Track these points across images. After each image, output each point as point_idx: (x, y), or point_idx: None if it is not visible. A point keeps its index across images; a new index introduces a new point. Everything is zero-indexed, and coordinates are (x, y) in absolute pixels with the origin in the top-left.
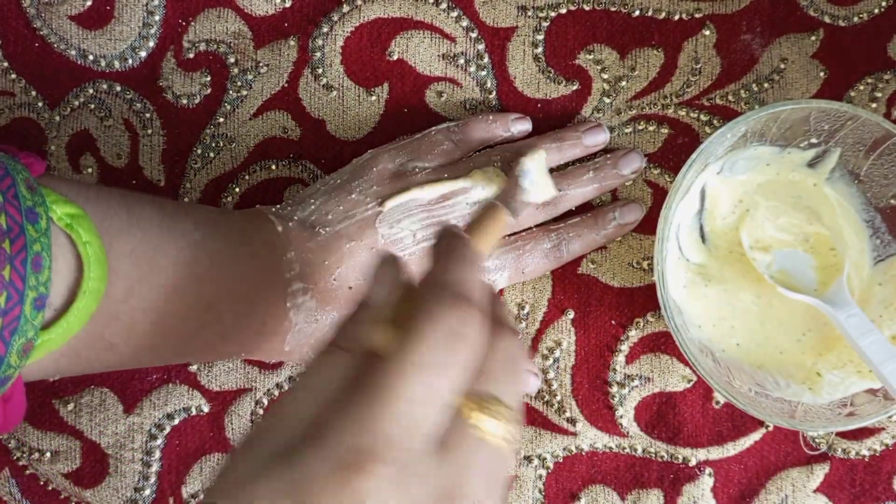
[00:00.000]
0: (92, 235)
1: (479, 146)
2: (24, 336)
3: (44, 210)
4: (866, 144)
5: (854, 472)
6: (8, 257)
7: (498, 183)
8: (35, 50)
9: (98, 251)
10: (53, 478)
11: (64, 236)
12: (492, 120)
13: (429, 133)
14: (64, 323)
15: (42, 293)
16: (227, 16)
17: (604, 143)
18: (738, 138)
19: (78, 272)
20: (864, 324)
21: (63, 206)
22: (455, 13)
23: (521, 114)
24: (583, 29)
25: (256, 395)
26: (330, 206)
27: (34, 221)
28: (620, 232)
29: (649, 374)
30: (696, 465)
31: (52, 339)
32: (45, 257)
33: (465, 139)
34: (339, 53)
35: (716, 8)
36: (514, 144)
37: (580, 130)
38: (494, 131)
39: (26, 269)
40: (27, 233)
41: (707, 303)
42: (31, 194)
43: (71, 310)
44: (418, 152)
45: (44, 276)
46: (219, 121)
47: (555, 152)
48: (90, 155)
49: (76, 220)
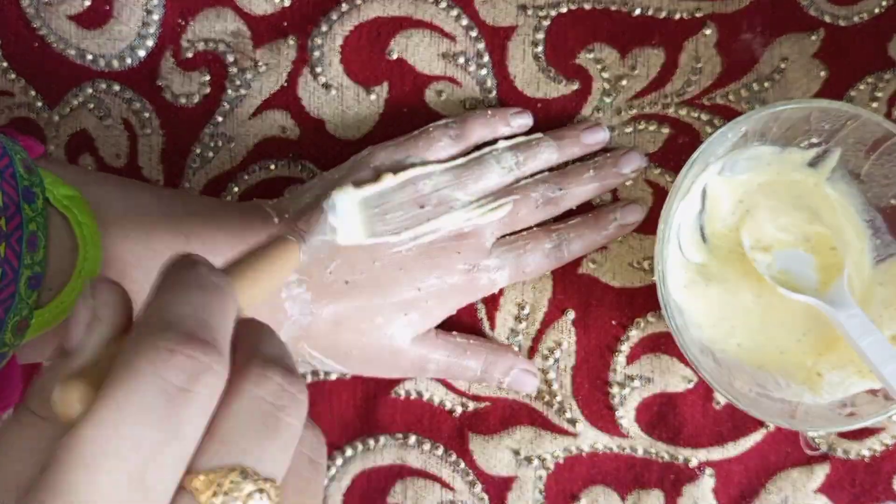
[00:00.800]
0: (88, 217)
1: (479, 142)
2: (19, 314)
3: (40, 190)
4: (867, 144)
5: (854, 473)
6: (3, 235)
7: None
8: (34, 50)
9: (93, 233)
10: None
11: (60, 217)
12: (491, 115)
13: (427, 129)
14: (58, 302)
15: (37, 272)
16: (226, 15)
17: (603, 141)
18: (739, 138)
19: (73, 252)
20: (864, 324)
21: (60, 188)
22: (455, 12)
23: (523, 109)
24: (583, 28)
25: None
26: None
27: (31, 201)
28: (621, 232)
29: (650, 375)
30: (697, 465)
31: (47, 317)
32: (40, 237)
33: (464, 135)
34: (338, 52)
35: (716, 7)
36: (529, 146)
37: (579, 129)
38: (494, 126)
39: (22, 247)
40: (23, 211)
41: (708, 303)
42: (29, 174)
43: (65, 289)
44: (416, 149)
45: (39, 255)
46: (218, 120)
47: (554, 151)
48: (89, 154)
49: (73, 201)
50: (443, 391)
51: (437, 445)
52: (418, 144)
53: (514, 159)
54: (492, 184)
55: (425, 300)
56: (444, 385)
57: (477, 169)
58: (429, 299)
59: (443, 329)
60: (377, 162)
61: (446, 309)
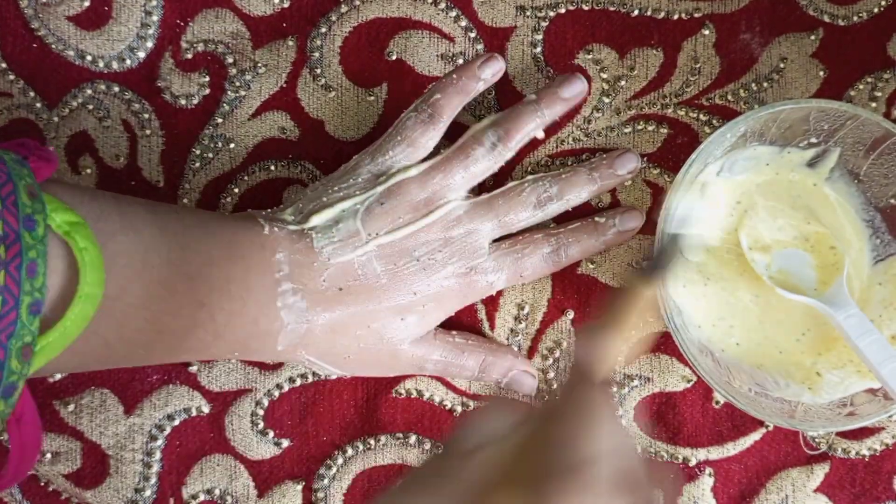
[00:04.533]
0: (89, 243)
1: (456, 111)
2: (21, 340)
3: (42, 218)
4: (866, 144)
5: (854, 472)
6: (3, 262)
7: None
8: (33, 51)
9: (95, 258)
10: (54, 479)
11: (61, 243)
12: (456, 77)
13: (400, 120)
14: (62, 327)
15: (37, 298)
16: (226, 16)
17: (582, 92)
18: (738, 138)
19: (73, 278)
20: (863, 324)
21: (62, 214)
22: (454, 13)
23: (490, 53)
24: (582, 29)
25: (257, 395)
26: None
27: (31, 229)
28: (620, 239)
29: (649, 375)
30: (696, 464)
31: (52, 343)
32: (40, 263)
33: (437, 112)
34: (337, 53)
35: (715, 7)
36: (505, 113)
37: (555, 85)
38: (465, 88)
39: (21, 274)
40: (23, 239)
41: (706, 302)
42: (32, 201)
43: (68, 314)
44: (394, 144)
45: (38, 282)
46: (217, 121)
47: (534, 113)
48: (89, 156)
49: (74, 227)
50: (443, 390)
51: (437, 444)
52: (395, 138)
53: (495, 135)
54: (480, 167)
55: (422, 304)
56: (445, 384)
57: (462, 157)
58: (426, 303)
59: (443, 328)
60: (362, 168)
61: (444, 312)
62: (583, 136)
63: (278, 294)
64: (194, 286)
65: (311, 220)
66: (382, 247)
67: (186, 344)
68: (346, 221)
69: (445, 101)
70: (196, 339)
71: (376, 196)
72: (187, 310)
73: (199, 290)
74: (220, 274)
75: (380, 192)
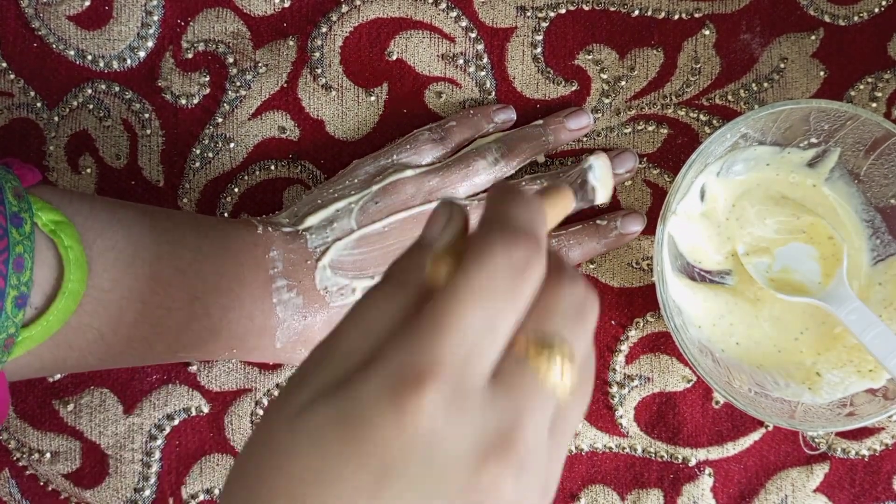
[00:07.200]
0: (74, 241)
1: (465, 143)
2: (5, 332)
3: (28, 216)
4: (866, 144)
5: (854, 472)
6: None
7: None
8: (33, 50)
9: (79, 256)
10: (53, 478)
11: (47, 241)
12: (473, 114)
13: (411, 135)
14: (44, 321)
15: (23, 292)
16: (226, 16)
17: (587, 125)
18: (738, 138)
19: (59, 274)
20: (866, 317)
21: (48, 213)
22: (454, 13)
23: (505, 104)
24: (582, 29)
25: (256, 395)
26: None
27: (18, 225)
28: (621, 241)
29: (649, 374)
30: (696, 464)
31: (34, 335)
32: (27, 259)
33: (448, 137)
34: (338, 53)
35: (715, 7)
36: (512, 133)
37: (562, 115)
38: (477, 125)
39: (8, 268)
40: (10, 235)
41: (706, 302)
42: (18, 201)
43: (51, 309)
44: (401, 153)
45: (25, 277)
46: (218, 121)
47: (538, 139)
48: (89, 155)
49: (60, 226)
50: None
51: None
52: (404, 149)
53: (498, 151)
54: (480, 179)
55: None
56: None
57: (462, 167)
58: None
59: None
60: (360, 171)
61: None
62: (583, 137)
63: (272, 290)
64: (187, 280)
65: (305, 222)
66: (376, 236)
67: (183, 340)
68: (340, 221)
69: (458, 129)
70: (192, 335)
71: (371, 195)
72: (181, 304)
73: (191, 283)
74: (212, 269)
75: (375, 191)
